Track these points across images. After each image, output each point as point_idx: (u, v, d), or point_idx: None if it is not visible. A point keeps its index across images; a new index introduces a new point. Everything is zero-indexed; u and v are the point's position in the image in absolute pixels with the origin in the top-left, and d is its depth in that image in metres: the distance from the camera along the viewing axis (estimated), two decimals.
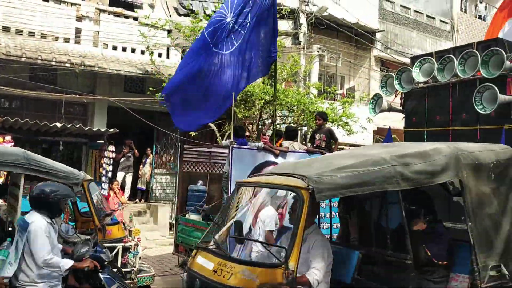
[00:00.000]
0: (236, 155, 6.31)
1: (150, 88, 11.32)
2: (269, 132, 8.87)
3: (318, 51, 14.32)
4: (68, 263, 4.07)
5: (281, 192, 5.03)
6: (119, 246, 6.10)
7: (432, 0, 21.16)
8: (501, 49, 8.04)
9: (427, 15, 19.80)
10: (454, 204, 9.36)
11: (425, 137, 9.34)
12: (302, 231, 3.41)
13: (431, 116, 9.36)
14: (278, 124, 12.72)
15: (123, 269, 5.99)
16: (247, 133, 10.78)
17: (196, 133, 11.66)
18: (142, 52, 12.82)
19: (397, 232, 4.35)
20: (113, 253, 5.83)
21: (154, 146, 13.82)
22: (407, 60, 17.90)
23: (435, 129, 9.25)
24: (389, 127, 10.44)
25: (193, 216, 7.61)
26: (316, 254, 3.75)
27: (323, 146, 7.72)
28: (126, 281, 5.65)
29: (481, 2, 22.47)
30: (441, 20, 20.15)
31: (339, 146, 8.63)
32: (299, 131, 12.47)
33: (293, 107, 11.40)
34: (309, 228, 3.83)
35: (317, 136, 7.89)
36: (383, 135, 17.34)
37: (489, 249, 4.04)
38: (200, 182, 8.52)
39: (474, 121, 8.62)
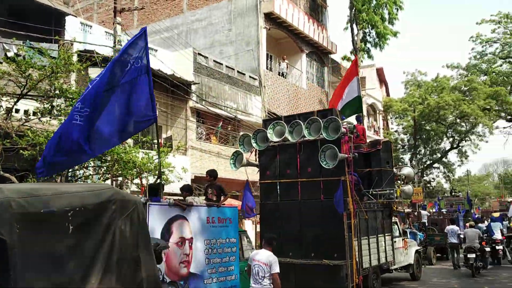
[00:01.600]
0: (152, 211, 6.82)
1: None
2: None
3: None
4: None
5: None
6: None
7: (242, 58, 23.03)
8: (337, 118, 10.34)
9: (238, 71, 21.40)
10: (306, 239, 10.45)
11: (278, 187, 11.27)
12: None
13: (282, 170, 11.25)
14: (91, 175, 12.05)
15: None
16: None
17: None
18: None
19: None
20: None
21: None
22: (222, 112, 18.99)
23: (286, 180, 11.16)
24: (247, 179, 11.42)
25: None
26: None
27: (214, 199, 8.45)
28: None
29: (283, 61, 25.26)
30: (250, 76, 21.97)
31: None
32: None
33: (106, 157, 10.95)
34: None
35: (209, 191, 8.66)
36: (201, 183, 17.75)
37: None
38: None
39: (318, 174, 10.70)
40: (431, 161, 41.70)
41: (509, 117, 38.32)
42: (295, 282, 10.03)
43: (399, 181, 13.53)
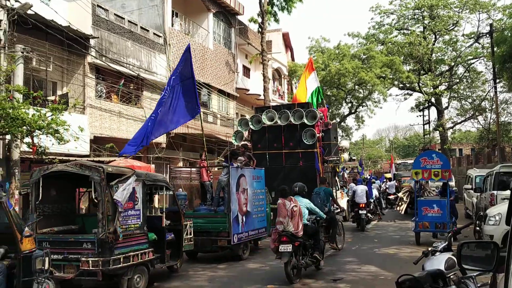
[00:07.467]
0: (232, 171, 11.06)
1: None
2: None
3: (22, 52, 12.90)
4: None
5: None
6: None
7: (146, 13, 21.96)
8: (314, 109, 16.21)
9: (141, 27, 20.38)
10: None
11: (267, 156, 15.95)
12: None
13: (270, 144, 16.12)
14: None
15: None
16: None
17: None
18: None
19: None
20: None
21: None
22: (124, 69, 18.08)
23: (273, 151, 15.96)
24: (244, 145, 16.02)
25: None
26: None
27: (247, 164, 12.33)
28: None
29: (185, 20, 24.53)
30: (154, 33, 21.05)
31: None
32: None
33: None
34: None
35: (243, 157, 12.08)
36: (101, 144, 16.95)
37: None
38: (180, 189, 12.58)
39: (297, 147, 15.70)
40: None
41: (401, 85, 41.05)
42: None
43: (340, 151, 19.19)
